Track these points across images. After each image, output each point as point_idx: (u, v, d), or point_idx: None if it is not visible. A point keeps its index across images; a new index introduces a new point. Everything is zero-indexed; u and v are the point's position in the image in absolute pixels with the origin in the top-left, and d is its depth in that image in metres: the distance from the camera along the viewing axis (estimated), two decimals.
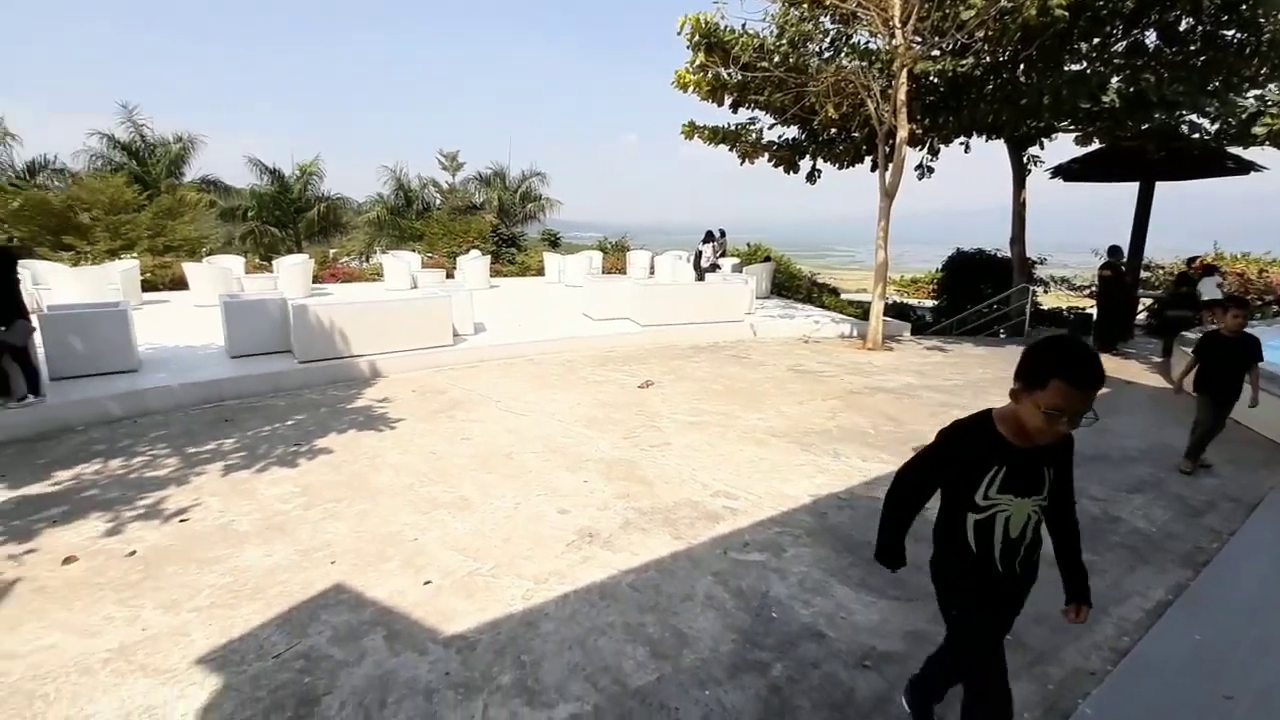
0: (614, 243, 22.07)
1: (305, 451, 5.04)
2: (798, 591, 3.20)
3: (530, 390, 6.93)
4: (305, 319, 7.23)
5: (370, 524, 3.85)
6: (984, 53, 9.14)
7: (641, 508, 4.12)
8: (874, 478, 4.65)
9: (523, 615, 2.97)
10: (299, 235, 24.80)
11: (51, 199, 16.42)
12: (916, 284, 22.53)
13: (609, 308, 10.52)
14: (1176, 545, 3.76)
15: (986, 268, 14.45)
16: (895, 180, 9.30)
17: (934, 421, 5.97)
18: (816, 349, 9.61)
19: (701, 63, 9.70)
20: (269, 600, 3.06)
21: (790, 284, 15.56)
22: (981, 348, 10.17)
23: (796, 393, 7.00)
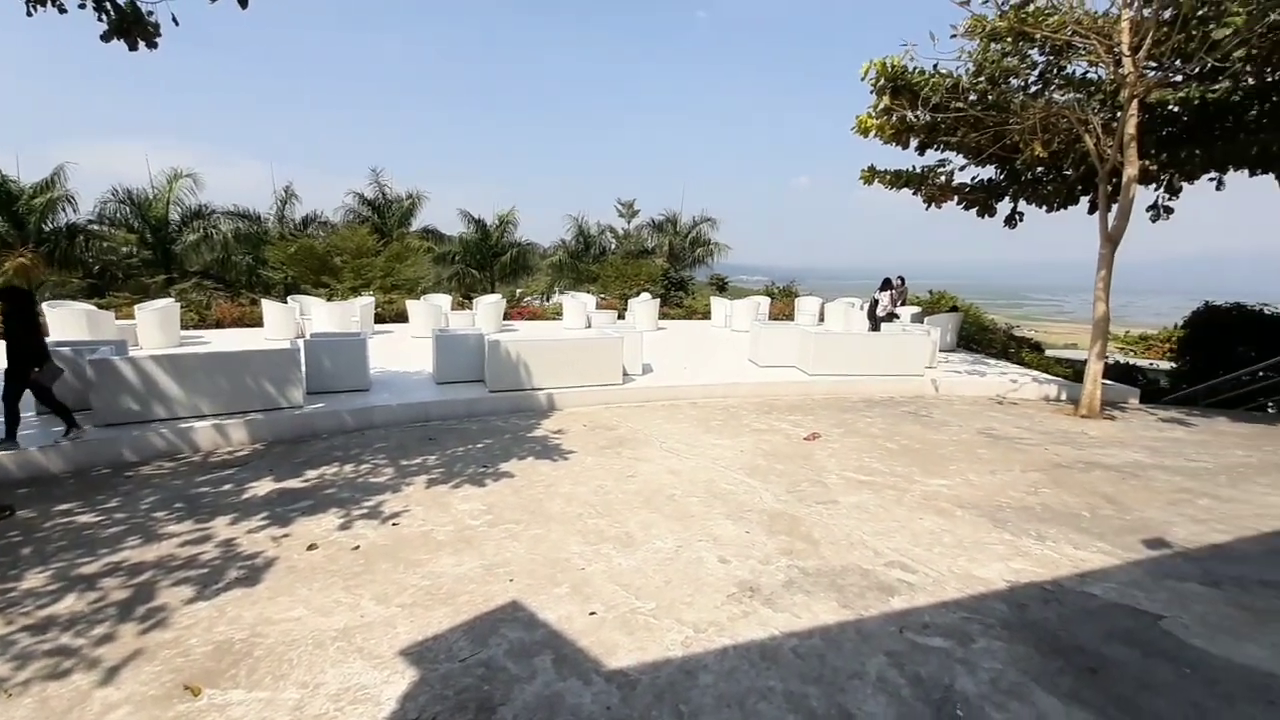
0: (782, 287, 21.79)
1: (491, 473, 5.57)
2: (989, 691, 2.80)
3: (694, 433, 7.00)
4: (497, 353, 8.08)
5: (543, 548, 4.12)
6: (1245, 75, 7.71)
7: (805, 567, 3.93)
8: (1088, 570, 3.96)
9: (682, 662, 2.95)
10: (494, 276, 27.94)
11: (316, 246, 20.40)
12: (1147, 342, 19.11)
13: (775, 354, 10.34)
14: None
15: (1249, 326, 11.84)
16: (1121, 224, 8.09)
17: (1171, 510, 5.00)
18: (1013, 412, 8.53)
19: (886, 106, 9.38)
20: (458, 607, 3.39)
21: (981, 336, 14.06)
22: (1241, 424, 8.30)
23: (988, 460, 6.26)
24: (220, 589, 3.57)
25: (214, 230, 21.64)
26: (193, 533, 4.30)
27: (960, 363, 11.63)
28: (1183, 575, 3.92)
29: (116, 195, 20.69)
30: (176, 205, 21.38)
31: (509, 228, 28.38)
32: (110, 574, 3.74)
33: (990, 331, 14.42)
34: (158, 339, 11.01)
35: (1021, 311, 49.12)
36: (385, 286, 18.97)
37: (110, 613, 3.32)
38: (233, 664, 2.91)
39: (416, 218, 26.95)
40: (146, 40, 5.07)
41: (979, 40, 8.52)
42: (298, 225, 24.20)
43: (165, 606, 3.39)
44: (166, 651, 3.01)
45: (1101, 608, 3.53)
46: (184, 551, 4.03)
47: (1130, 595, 3.66)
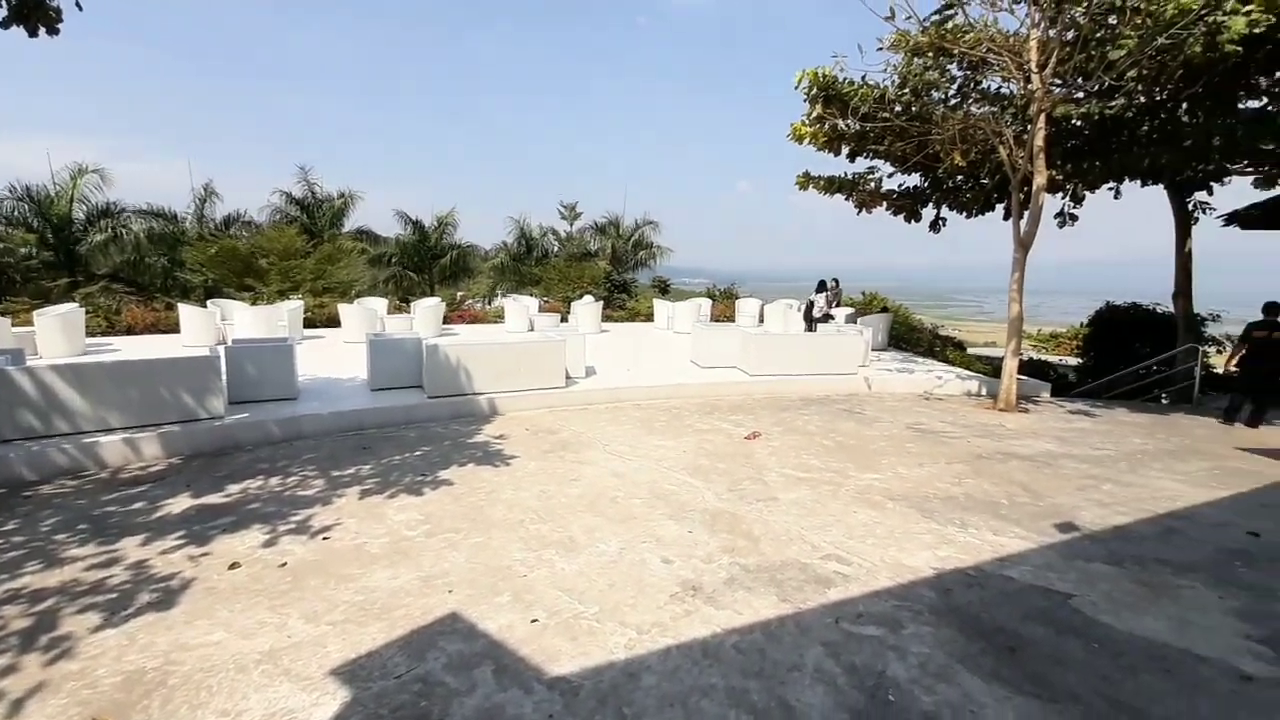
0: (723, 290, 22.19)
1: (429, 481, 5.41)
2: (919, 675, 2.93)
3: (637, 435, 7.03)
4: (435, 357, 7.86)
5: (484, 556, 4.04)
6: (1137, 93, 8.42)
7: (746, 564, 4.00)
8: (1007, 555, 4.21)
9: (625, 664, 2.95)
10: (433, 279, 27.21)
11: (240, 247, 19.31)
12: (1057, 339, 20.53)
13: (717, 356, 10.52)
14: None
15: (1144, 324, 12.92)
16: (1031, 230, 8.67)
17: (1079, 496, 5.37)
18: (939, 407, 8.98)
19: (819, 115, 9.72)
20: (393, 621, 3.28)
21: (910, 336, 14.75)
22: (1139, 414, 9.02)
23: (916, 454, 6.56)
24: (130, 615, 3.32)
25: (124, 230, 20.13)
26: (99, 555, 3.98)
27: (891, 361, 12.15)
28: (1090, 556, 4.22)
29: (14, 192, 18.94)
30: (81, 203, 19.78)
31: (448, 229, 27.73)
32: (9, 601, 3.42)
33: (918, 331, 15.15)
34: (60, 347, 10.15)
35: (946, 312, 51.88)
36: (316, 290, 18.16)
37: (11, 643, 3.04)
38: (145, 695, 2.71)
39: (349, 218, 25.95)
40: (48, 26, 4.69)
41: (903, 54, 8.96)
42: (219, 225, 22.84)
43: (71, 635, 3.12)
44: (73, 683, 2.77)
45: (1019, 589, 3.76)
46: (90, 576, 3.72)
47: (1044, 577, 3.91)
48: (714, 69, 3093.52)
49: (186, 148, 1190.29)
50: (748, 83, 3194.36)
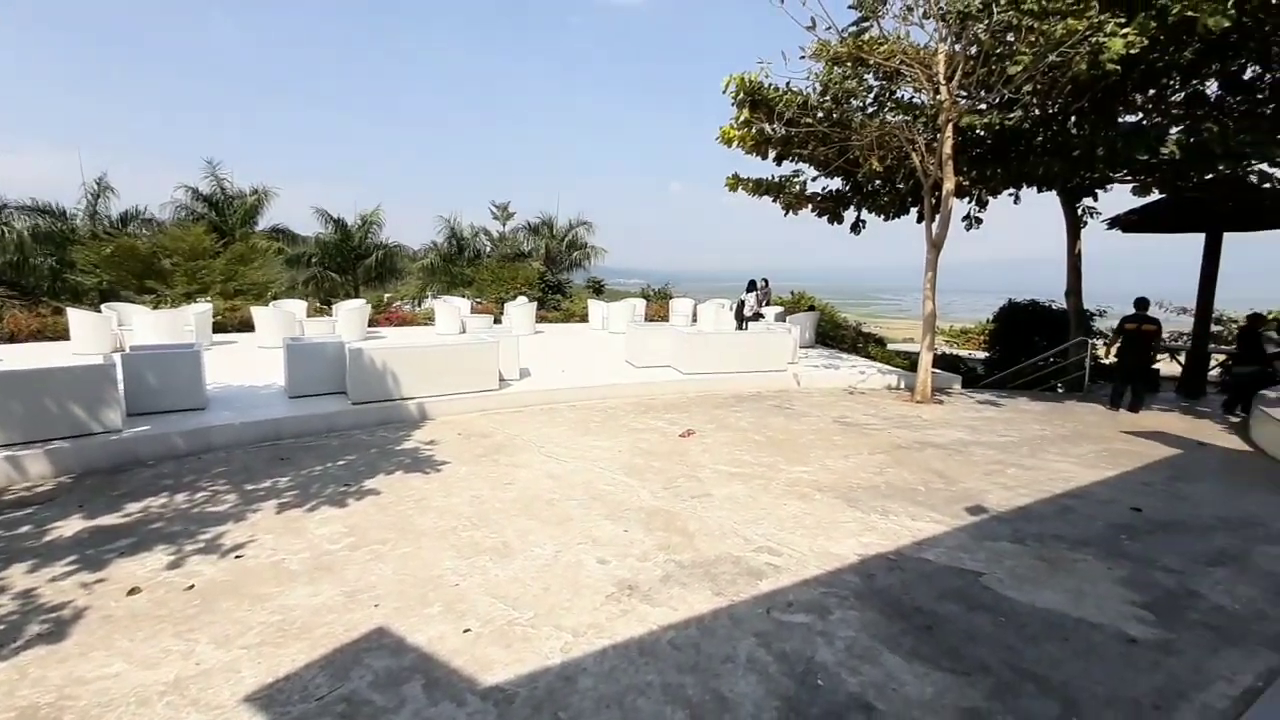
0: (657, 290, 22.39)
1: (354, 492, 5.18)
2: (845, 658, 3.06)
3: (572, 436, 6.98)
4: (360, 361, 7.54)
5: (414, 567, 3.90)
6: (1033, 106, 9.10)
7: (682, 561, 4.06)
8: (924, 538, 4.46)
9: (560, 669, 2.93)
10: (357, 280, 26.06)
11: (139, 246, 17.85)
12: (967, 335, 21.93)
13: (651, 355, 10.60)
14: (1265, 626, 3.45)
15: (1041, 319, 13.97)
16: (942, 232, 9.21)
17: (987, 480, 5.75)
18: (862, 401, 9.41)
19: (746, 119, 9.97)
20: (315, 641, 3.11)
21: (835, 333, 15.37)
22: (1038, 403, 9.77)
23: (842, 446, 6.84)
24: (18, 648, 3.01)
25: (4, 228, 18.20)
26: None
27: (818, 358, 12.63)
28: (997, 536, 4.53)
29: None
30: None
31: (373, 228, 26.63)
32: None
33: (843, 328, 15.82)
34: None
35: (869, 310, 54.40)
36: (227, 292, 17.02)
37: None
38: None
39: (263, 216, 24.45)
40: None
41: (824, 63, 9.31)
42: (114, 223, 21.00)
43: None
44: None
45: (935, 570, 3.99)
46: None
47: (957, 557, 4.17)
48: (647, 70, 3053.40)
49: (76, 138, 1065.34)
50: (680, 84, 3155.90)
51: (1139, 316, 9.08)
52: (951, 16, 8.23)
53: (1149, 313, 9.17)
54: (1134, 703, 2.80)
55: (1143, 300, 9.23)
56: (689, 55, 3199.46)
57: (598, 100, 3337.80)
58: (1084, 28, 7.14)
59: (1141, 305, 9.19)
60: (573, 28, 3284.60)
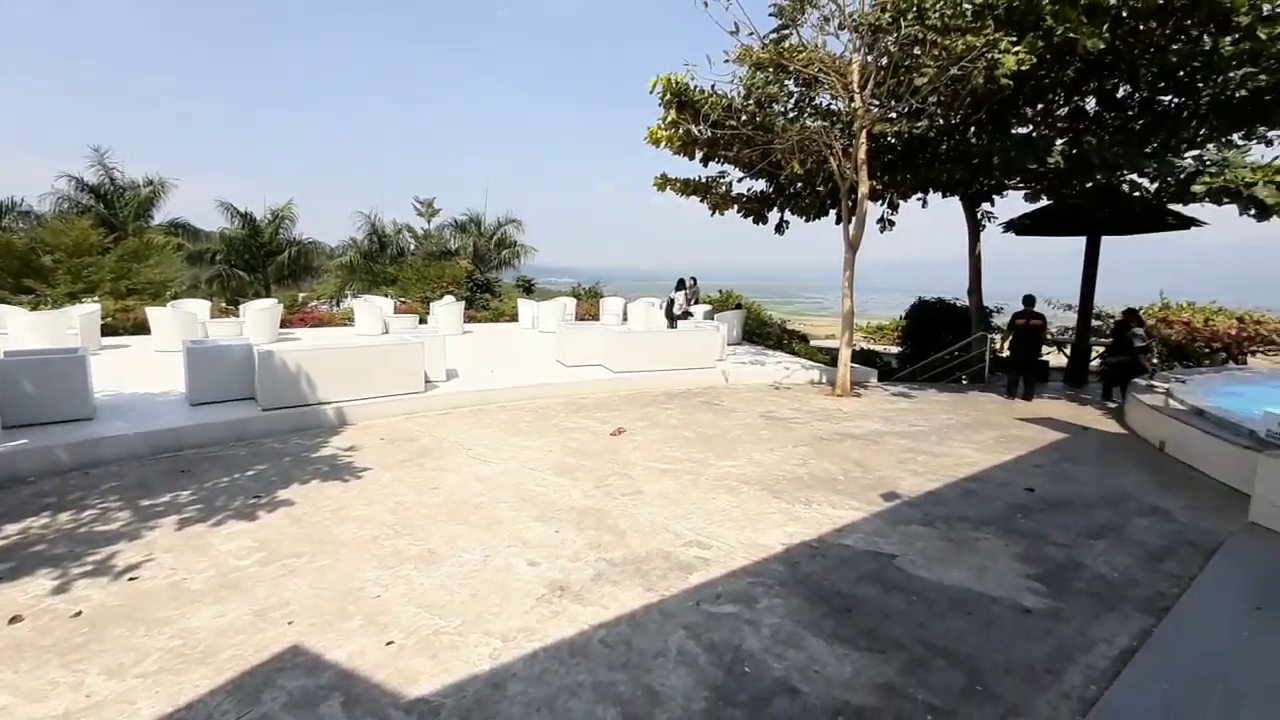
0: (588, 289, 22.32)
1: (265, 504, 4.88)
2: (771, 644, 3.16)
3: (502, 438, 6.86)
4: (271, 365, 7.10)
5: (331, 580, 3.72)
6: (937, 116, 9.72)
7: (613, 559, 4.07)
8: (844, 525, 4.68)
9: (489, 675, 2.87)
10: (268, 279, 24.53)
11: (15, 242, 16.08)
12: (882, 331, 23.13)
13: (582, 354, 10.56)
14: (1138, 591, 3.83)
15: (947, 316, 14.93)
16: (858, 233, 9.68)
17: (900, 468, 6.09)
18: (787, 395, 9.74)
19: (673, 119, 10.10)
20: (220, 665, 2.91)
21: (761, 331, 15.84)
22: (945, 394, 10.43)
23: (768, 440, 7.06)
24: None
25: None
26: None
27: (745, 355, 12.97)
28: (909, 520, 4.81)
29: None
30: None
31: (285, 224, 25.12)
32: None
33: (768, 326, 16.31)
34: None
35: (793, 308, 56.42)
36: (118, 291, 15.61)
37: None
38: None
39: (161, 209, 22.59)
40: None
41: (747, 68, 9.57)
42: None
43: None
44: None
45: (854, 555, 4.19)
46: None
47: (874, 542, 4.40)
48: (575, 66, 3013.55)
49: None
50: (609, 82, 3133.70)
51: (1027, 313, 9.91)
52: (864, 28, 8.66)
53: (1036, 309, 10.03)
54: (1029, 668, 3.04)
55: (1030, 298, 10.08)
56: (619, 53, 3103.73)
57: (526, 97, 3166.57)
58: (981, 44, 7.68)
59: (1029, 302, 10.03)
60: (500, 22, 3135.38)
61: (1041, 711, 2.73)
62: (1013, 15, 7.68)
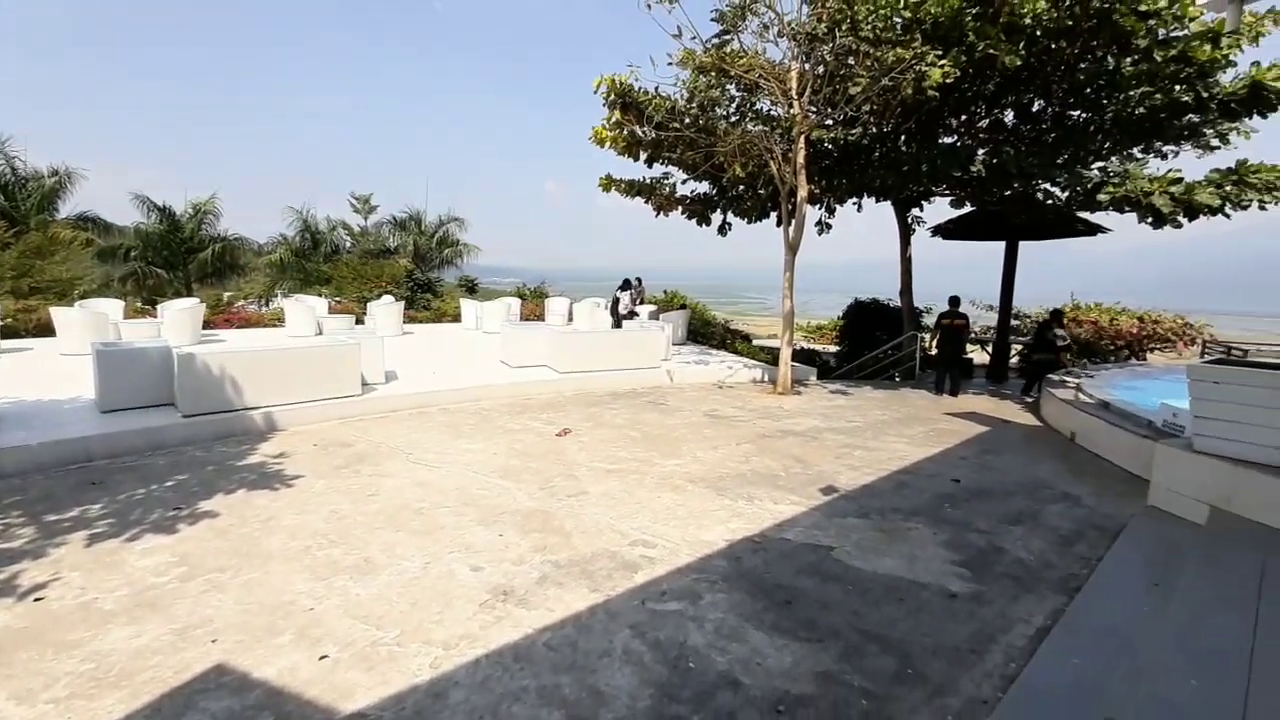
0: (533, 289, 22.08)
1: (186, 516, 4.60)
2: (714, 639, 3.22)
3: (444, 441, 6.71)
4: (192, 368, 6.70)
5: (259, 594, 3.55)
6: (871, 124, 10.11)
7: (559, 560, 4.05)
8: (784, 519, 4.81)
9: (430, 685, 2.81)
10: (189, 278, 23.11)
11: None
12: (822, 330, 23.87)
13: (527, 355, 10.44)
14: (1052, 573, 4.11)
15: (881, 316, 15.56)
16: (797, 235, 9.96)
17: (838, 463, 6.31)
18: (730, 394, 9.93)
19: (618, 120, 10.13)
20: (137, 688, 2.73)
21: (705, 330, 16.07)
22: (880, 391, 10.88)
23: (711, 438, 7.18)
24: None
25: None
26: None
27: (690, 354, 13.14)
28: (845, 513, 4.99)
29: None
30: None
31: (209, 219, 23.72)
32: None
33: (712, 326, 16.58)
34: None
35: (736, 308, 57.52)
36: (19, 290, 14.34)
37: None
38: None
39: (67, 201, 20.86)
40: None
41: (690, 71, 9.69)
42: None
43: None
44: None
45: (794, 548, 4.32)
46: None
47: (812, 535, 4.54)
48: (518, 63, 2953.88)
49: None
50: (553, 79, 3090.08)
51: (952, 313, 10.49)
52: (801, 37, 8.93)
53: (960, 310, 10.62)
54: (955, 649, 3.22)
55: (955, 299, 10.67)
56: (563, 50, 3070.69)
57: (468, 91, 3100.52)
58: (910, 57, 8.05)
59: (954, 303, 10.62)
60: (438, 15, 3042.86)
61: (966, 690, 2.89)
62: (938, 30, 8.08)
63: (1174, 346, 15.34)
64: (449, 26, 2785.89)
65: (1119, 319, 16.06)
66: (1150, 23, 7.83)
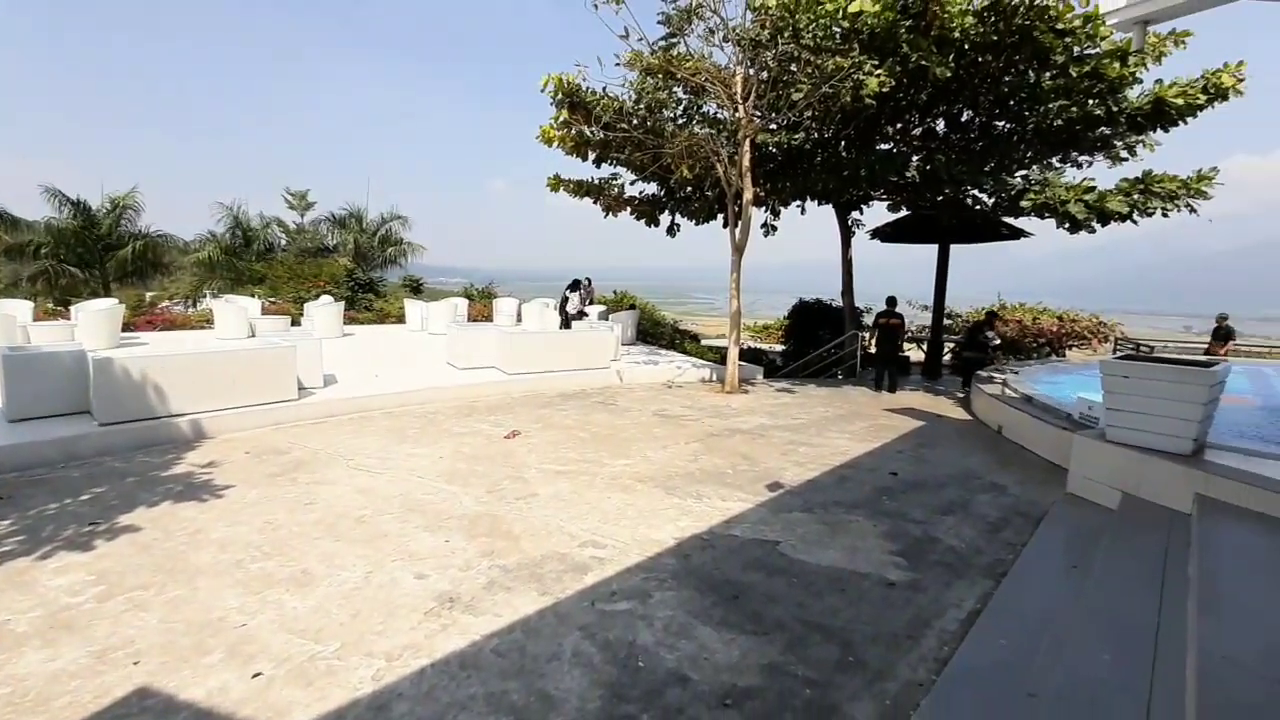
0: (480, 289, 21.69)
1: (104, 531, 4.32)
2: (664, 637, 3.25)
3: (387, 446, 6.51)
4: (110, 373, 6.28)
5: (186, 612, 3.36)
6: (813, 129, 10.40)
7: (507, 565, 4.00)
8: (732, 516, 4.90)
9: (372, 698, 2.72)
10: (107, 277, 21.63)
11: None
12: (768, 330, 24.39)
13: (474, 356, 10.26)
14: (981, 559, 4.34)
15: (824, 316, 16.05)
16: (744, 237, 10.16)
17: (784, 459, 6.46)
18: (679, 394, 10.03)
19: (565, 120, 10.08)
20: (54, 713, 2.54)
21: (655, 330, 16.18)
22: (823, 388, 11.21)
23: (661, 437, 7.23)
24: None
25: None
26: None
27: (639, 354, 13.20)
28: (791, 508, 5.13)
29: None
30: None
31: (129, 214, 22.24)
32: None
33: (661, 326, 16.71)
34: None
35: (685, 308, 58.16)
36: None
37: None
38: None
39: None
40: None
41: (638, 72, 9.73)
42: None
43: None
44: None
45: (741, 544, 4.40)
46: None
47: (759, 530, 4.64)
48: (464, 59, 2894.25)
49: None
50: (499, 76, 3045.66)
51: (888, 312, 10.97)
52: (746, 43, 9.10)
53: (896, 309, 11.10)
54: (893, 635, 3.35)
55: (892, 299, 11.16)
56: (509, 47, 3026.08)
57: (408, 88, 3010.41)
58: (848, 65, 8.33)
59: (891, 303, 11.10)
60: (376, 6, 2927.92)
61: (903, 674, 3.02)
62: (874, 41, 8.38)
63: (1090, 344, 16.45)
64: (388, 22, 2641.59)
65: (1041, 318, 17.08)
66: (1067, 40, 8.35)
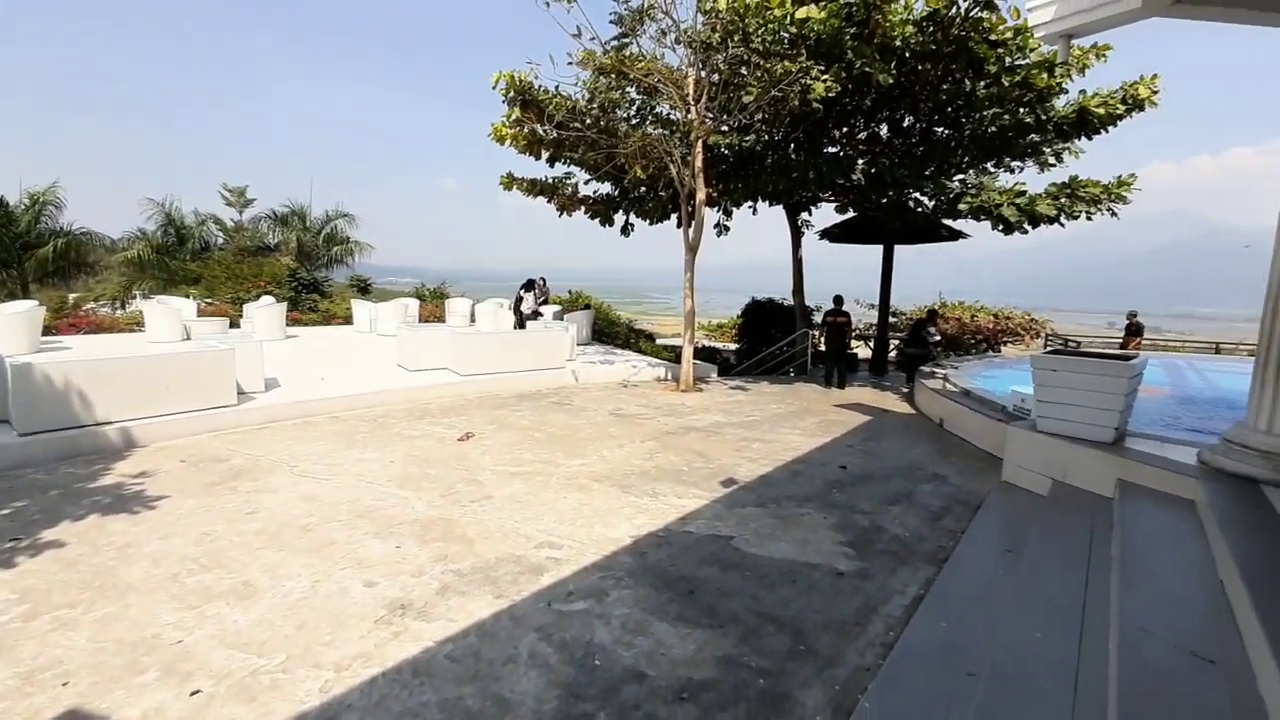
0: (432, 289, 21.23)
1: (26, 547, 4.04)
2: (620, 634, 3.27)
3: (334, 451, 6.32)
4: (30, 380, 5.89)
5: (118, 630, 3.19)
6: (763, 132, 10.61)
7: (461, 569, 3.94)
8: (688, 513, 4.96)
9: (319, 712, 2.65)
10: (26, 277, 20.17)
11: None
12: (722, 329, 24.73)
13: (426, 358, 10.05)
14: (924, 546, 4.52)
15: (776, 314, 16.38)
16: (697, 237, 10.28)
17: (738, 456, 6.58)
18: (635, 393, 10.07)
19: (518, 118, 9.98)
20: None
21: (610, 330, 16.18)
22: (776, 385, 11.45)
23: (616, 436, 7.25)
24: None
25: None
26: None
27: (595, 354, 13.18)
28: (745, 503, 5.22)
29: None
30: None
31: (49, 210, 20.79)
32: None
33: (617, 325, 16.73)
34: None
35: (640, 307, 58.41)
36: None
37: None
38: None
39: None
40: None
41: (591, 71, 9.72)
42: None
43: None
44: None
45: (696, 540, 4.46)
46: None
47: (714, 526, 4.72)
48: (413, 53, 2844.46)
49: None
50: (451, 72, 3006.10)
51: (835, 311, 11.32)
52: (697, 45, 9.20)
53: (843, 308, 11.46)
54: (842, 623, 3.46)
55: (838, 298, 11.52)
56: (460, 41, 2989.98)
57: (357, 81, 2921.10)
58: (796, 70, 8.53)
59: (838, 302, 11.45)
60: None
61: (851, 660, 3.13)
62: (821, 47, 8.62)
63: (1023, 339, 17.33)
64: (338, 14, 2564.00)
65: (978, 316, 17.89)
66: (999, 50, 8.78)
